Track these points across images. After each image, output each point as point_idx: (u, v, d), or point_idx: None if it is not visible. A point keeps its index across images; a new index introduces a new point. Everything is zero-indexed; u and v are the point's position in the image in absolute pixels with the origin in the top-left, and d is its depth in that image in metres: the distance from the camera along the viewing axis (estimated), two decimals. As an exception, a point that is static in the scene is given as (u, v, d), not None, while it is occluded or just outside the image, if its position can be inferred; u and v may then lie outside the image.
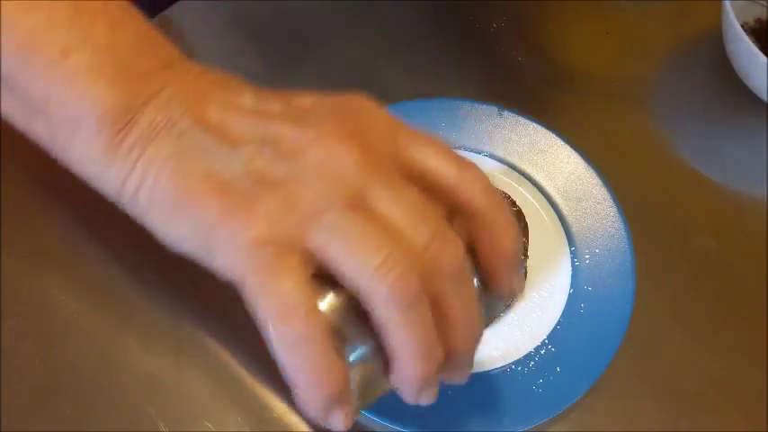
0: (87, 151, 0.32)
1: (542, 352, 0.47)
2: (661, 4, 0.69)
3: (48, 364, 0.47)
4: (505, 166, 0.56)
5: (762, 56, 0.56)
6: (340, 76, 0.62)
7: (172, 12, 0.66)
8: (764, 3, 0.63)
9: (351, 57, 0.64)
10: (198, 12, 0.66)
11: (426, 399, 0.32)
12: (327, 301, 0.29)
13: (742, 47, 0.58)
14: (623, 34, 0.67)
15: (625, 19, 0.68)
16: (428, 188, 0.32)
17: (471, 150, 0.56)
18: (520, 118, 0.56)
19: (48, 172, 0.55)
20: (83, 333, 0.48)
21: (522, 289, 0.33)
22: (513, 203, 0.47)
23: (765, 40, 0.61)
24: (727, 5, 0.58)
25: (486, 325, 0.36)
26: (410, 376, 0.30)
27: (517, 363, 0.46)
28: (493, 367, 0.46)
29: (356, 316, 0.29)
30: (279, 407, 0.46)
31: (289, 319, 0.28)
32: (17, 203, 0.54)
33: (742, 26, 0.58)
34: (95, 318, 0.49)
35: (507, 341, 0.48)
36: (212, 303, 0.50)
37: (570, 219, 0.53)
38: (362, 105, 0.34)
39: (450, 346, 0.30)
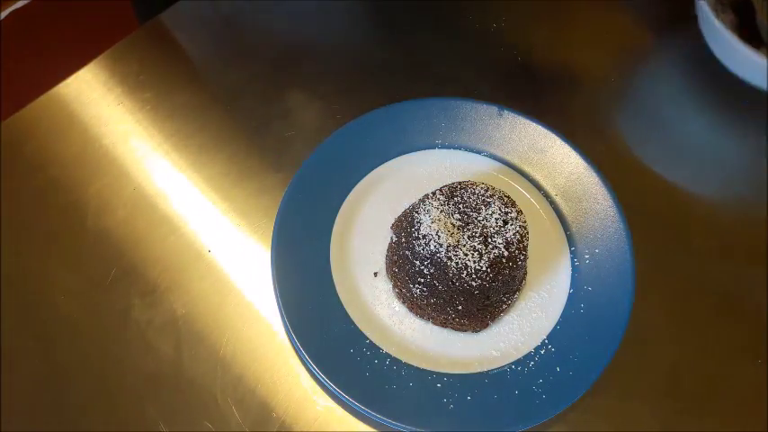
0: None
1: (542, 352, 0.47)
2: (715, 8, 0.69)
3: (48, 364, 0.47)
4: (505, 166, 0.56)
5: (742, 46, 0.57)
6: (339, 77, 0.62)
7: (170, 13, 0.66)
8: None
9: (350, 57, 0.64)
10: (196, 12, 0.66)
11: None
12: None
13: (721, 40, 0.59)
14: (623, 34, 0.67)
15: (625, 19, 0.68)
16: None
17: (471, 150, 0.56)
18: (520, 118, 0.56)
19: (47, 172, 0.56)
20: (83, 333, 0.49)
21: None
22: (513, 203, 0.47)
23: (744, 15, 0.61)
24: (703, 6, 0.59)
25: None
26: None
27: (517, 363, 0.47)
28: (493, 367, 0.46)
29: None
30: (279, 406, 0.46)
31: None
32: (17, 203, 0.54)
33: (720, 1, 0.58)
34: (95, 318, 0.49)
35: (507, 341, 0.48)
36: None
37: (570, 219, 0.53)
38: None
39: None
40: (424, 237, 0.44)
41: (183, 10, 0.66)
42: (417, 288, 0.46)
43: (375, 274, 0.50)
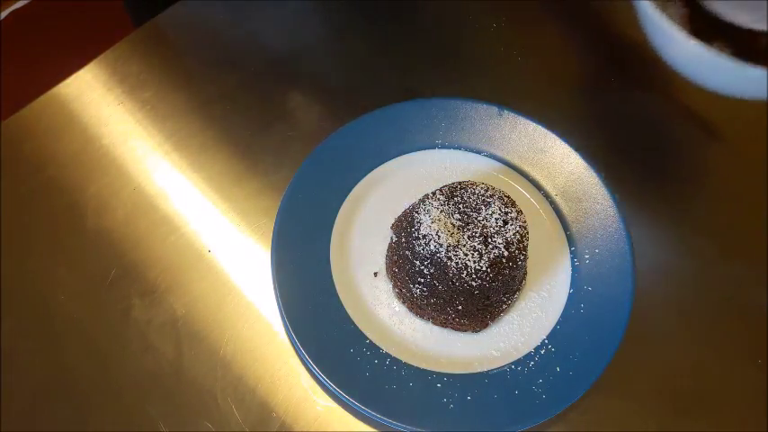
0: None
1: (542, 352, 0.47)
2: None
3: (48, 364, 0.47)
4: (505, 166, 0.56)
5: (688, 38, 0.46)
6: (339, 77, 0.62)
7: (170, 13, 0.66)
8: None
9: (350, 57, 0.64)
10: (196, 12, 0.66)
11: None
12: None
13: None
14: (622, 34, 0.67)
15: (625, 18, 0.68)
16: None
17: (471, 150, 0.56)
18: (520, 118, 0.56)
19: (47, 171, 0.56)
20: (83, 333, 0.48)
21: None
22: (513, 203, 0.47)
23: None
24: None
25: None
26: None
27: (517, 363, 0.47)
28: (493, 367, 0.46)
29: None
30: (279, 406, 0.46)
31: None
32: (17, 203, 0.54)
33: None
34: (95, 318, 0.49)
35: (507, 341, 0.48)
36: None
37: (570, 219, 0.53)
38: None
39: None
40: (424, 237, 0.44)
41: (182, 10, 0.66)
42: (417, 288, 0.46)
43: (375, 274, 0.50)
